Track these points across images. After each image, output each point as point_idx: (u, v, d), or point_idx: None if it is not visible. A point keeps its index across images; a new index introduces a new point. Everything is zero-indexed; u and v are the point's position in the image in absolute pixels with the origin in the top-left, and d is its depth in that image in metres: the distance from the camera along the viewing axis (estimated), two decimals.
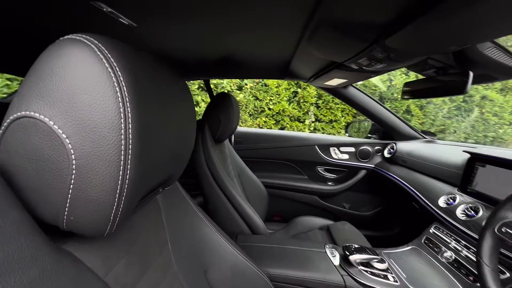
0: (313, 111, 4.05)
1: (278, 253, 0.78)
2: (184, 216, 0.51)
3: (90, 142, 0.21)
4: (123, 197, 0.23)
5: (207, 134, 0.93)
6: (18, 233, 0.20)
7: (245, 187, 1.23)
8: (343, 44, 0.66)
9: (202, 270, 0.53)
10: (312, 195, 1.46)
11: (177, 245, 0.46)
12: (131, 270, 0.32)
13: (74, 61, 0.20)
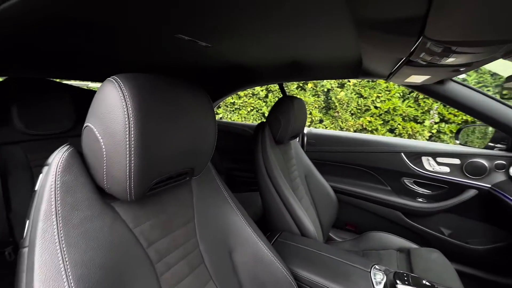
0: (437, 109, 3.26)
1: (315, 257, 0.79)
2: (214, 202, 0.64)
3: (111, 141, 0.38)
4: (132, 177, 0.39)
5: (267, 135, 1.03)
6: (86, 190, 0.40)
7: (312, 189, 1.25)
8: (392, 41, 0.60)
9: (227, 250, 0.65)
10: (394, 210, 1.25)
11: (203, 224, 0.60)
12: (155, 231, 0.49)
13: (106, 93, 0.38)
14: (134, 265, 0.44)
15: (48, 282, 0.33)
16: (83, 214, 0.40)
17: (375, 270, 0.72)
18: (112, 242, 0.42)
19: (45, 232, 0.35)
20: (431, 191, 1.23)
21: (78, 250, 0.37)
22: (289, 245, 0.84)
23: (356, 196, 1.35)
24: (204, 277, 0.56)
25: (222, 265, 0.61)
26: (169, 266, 0.50)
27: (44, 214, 0.36)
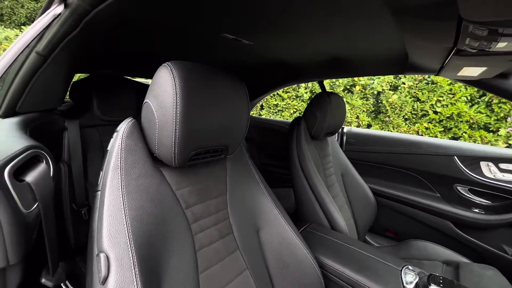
0: None
1: (342, 249, 0.78)
2: (245, 182, 0.71)
3: (162, 113, 0.47)
4: (176, 145, 0.48)
5: (303, 129, 1.06)
6: (142, 154, 0.51)
7: (348, 189, 1.22)
8: (433, 28, 0.59)
9: (255, 228, 0.70)
10: (444, 219, 1.13)
11: (234, 200, 0.67)
12: (192, 197, 0.58)
13: (161, 75, 0.47)
14: (175, 219, 0.53)
15: (112, 217, 0.43)
16: (139, 171, 0.50)
17: (407, 270, 0.69)
18: (159, 196, 0.51)
19: (112, 180, 0.46)
20: (490, 201, 1.07)
21: (134, 198, 0.47)
22: (317, 235, 0.85)
23: (398, 200, 1.25)
24: (232, 246, 0.62)
25: (249, 240, 0.67)
26: (202, 228, 0.58)
27: (113, 166, 0.47)
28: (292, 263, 0.68)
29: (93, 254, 0.43)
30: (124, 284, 0.39)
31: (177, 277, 0.49)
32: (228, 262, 0.60)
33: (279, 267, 0.67)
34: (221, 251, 0.60)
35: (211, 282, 0.55)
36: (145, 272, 0.42)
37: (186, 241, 0.54)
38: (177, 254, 0.51)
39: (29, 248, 0.47)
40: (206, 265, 0.55)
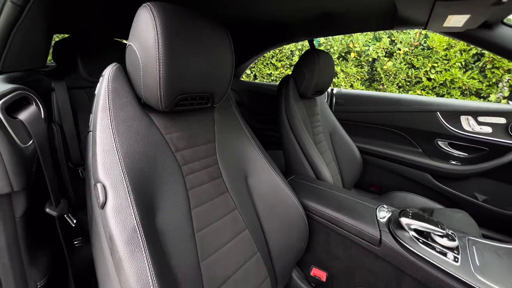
0: (508, 82, 2.81)
1: (325, 193, 0.85)
2: (233, 131, 0.74)
3: (145, 54, 0.48)
4: (162, 86, 0.50)
5: (291, 87, 1.08)
6: (130, 98, 0.53)
7: (336, 147, 1.27)
8: None
9: (243, 175, 0.75)
10: (423, 172, 1.20)
11: (222, 147, 0.70)
12: (181, 141, 0.61)
13: (140, 16, 0.48)
14: (165, 160, 0.57)
15: (105, 152, 0.47)
16: (127, 114, 0.52)
17: (381, 208, 0.76)
18: (148, 138, 0.54)
19: (102, 120, 0.49)
20: (467, 153, 1.14)
21: (125, 137, 0.50)
22: (302, 183, 0.91)
23: (383, 157, 1.32)
24: (221, 188, 0.68)
25: (238, 185, 0.72)
26: (192, 170, 0.62)
27: (102, 107, 0.50)
28: (279, 205, 0.74)
29: (91, 186, 0.47)
30: (121, 208, 0.43)
31: (171, 211, 0.54)
32: (218, 202, 0.65)
33: (266, 209, 0.73)
34: (211, 192, 0.65)
35: (202, 217, 0.60)
36: (139, 202, 0.46)
37: (178, 180, 0.58)
38: (170, 191, 0.56)
39: (30, 178, 0.51)
40: (197, 203, 0.61)
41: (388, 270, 0.66)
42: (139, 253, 0.41)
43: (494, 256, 0.60)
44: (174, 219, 0.54)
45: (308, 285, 0.78)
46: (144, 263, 0.41)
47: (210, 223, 0.61)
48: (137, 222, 0.43)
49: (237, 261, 0.63)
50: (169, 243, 0.51)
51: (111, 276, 0.43)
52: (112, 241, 0.41)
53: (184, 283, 0.50)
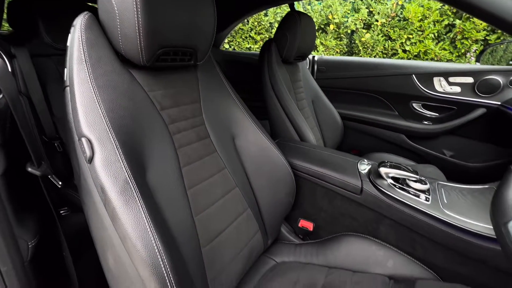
0: (475, 52, 2.96)
1: (310, 152, 0.88)
2: (217, 92, 0.73)
3: (121, 4, 0.44)
4: (141, 35, 0.47)
5: (273, 51, 1.06)
6: (107, 50, 0.49)
7: (318, 113, 1.30)
8: None
9: (230, 136, 0.75)
10: (399, 133, 1.28)
11: (208, 108, 0.70)
12: (166, 100, 0.59)
13: None
14: (151, 118, 0.55)
15: (86, 107, 0.44)
16: (106, 68, 0.49)
17: (362, 161, 0.81)
18: (131, 94, 0.52)
19: (79, 72, 0.46)
20: (438, 113, 1.23)
21: (106, 92, 0.47)
22: (288, 145, 0.93)
23: (362, 121, 1.38)
24: (210, 148, 0.68)
25: (226, 145, 0.72)
26: (180, 130, 0.61)
27: (77, 59, 0.46)
28: (266, 164, 0.76)
29: (74, 142, 0.45)
30: (110, 161, 0.42)
31: (161, 169, 0.54)
32: (207, 161, 0.66)
33: (254, 168, 0.75)
34: (200, 151, 0.65)
35: (193, 175, 0.61)
36: (129, 158, 0.45)
37: (165, 138, 0.57)
38: (158, 149, 0.55)
39: (6, 135, 0.48)
40: (187, 161, 0.61)
41: (368, 215, 0.72)
42: (134, 203, 0.41)
43: (459, 195, 0.68)
44: (165, 176, 0.54)
45: (296, 237, 0.84)
46: (140, 212, 0.41)
47: (201, 181, 0.62)
48: (128, 175, 0.43)
49: (229, 216, 0.66)
50: (162, 199, 0.51)
51: (107, 229, 0.43)
52: (105, 192, 0.41)
53: (180, 235, 0.51)
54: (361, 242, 0.70)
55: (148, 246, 0.40)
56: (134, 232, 0.40)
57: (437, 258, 0.62)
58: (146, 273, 0.39)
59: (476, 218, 0.58)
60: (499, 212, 0.39)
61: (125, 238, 0.40)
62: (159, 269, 0.39)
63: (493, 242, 0.54)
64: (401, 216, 0.66)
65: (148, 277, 0.39)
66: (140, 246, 0.39)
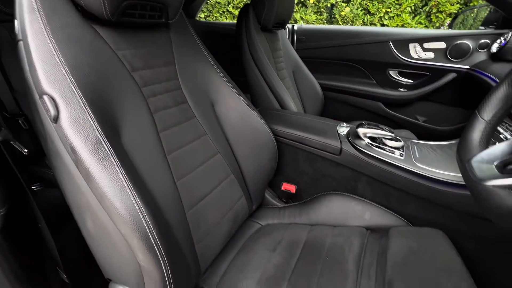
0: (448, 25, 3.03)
1: (292, 119, 0.89)
2: (193, 55, 0.69)
3: None
4: None
5: (251, 17, 1.02)
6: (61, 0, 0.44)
7: (299, 84, 1.30)
8: None
9: (209, 102, 0.73)
10: (376, 101, 1.32)
11: (184, 72, 0.66)
12: (136, 60, 0.55)
13: None
14: (121, 79, 0.51)
15: (45, 62, 0.40)
16: (64, 20, 0.45)
17: (341, 125, 0.83)
18: (97, 50, 0.48)
19: (32, 24, 0.41)
20: (413, 80, 1.27)
21: (67, 46, 0.43)
22: (269, 112, 0.93)
23: (342, 91, 1.40)
24: (189, 113, 0.65)
25: (205, 112, 0.70)
26: (155, 93, 0.58)
27: (28, 8, 0.41)
28: (248, 130, 0.75)
29: (36, 101, 0.41)
30: (78, 119, 0.39)
31: (137, 133, 0.51)
32: (186, 127, 0.64)
33: (236, 134, 0.74)
34: (178, 117, 0.62)
35: (171, 140, 0.59)
36: (99, 117, 0.42)
37: (139, 102, 0.54)
38: (132, 112, 0.52)
39: None
40: (164, 126, 0.58)
41: (347, 174, 0.75)
42: (108, 161, 0.39)
43: (429, 150, 0.72)
44: (142, 141, 0.52)
45: (280, 200, 0.86)
46: (116, 170, 0.39)
47: (181, 146, 0.61)
48: (100, 134, 0.41)
49: (212, 182, 0.66)
50: (141, 164, 0.49)
51: (83, 191, 0.41)
52: (75, 152, 0.39)
53: (162, 199, 0.50)
54: (341, 199, 0.73)
55: (127, 204, 0.39)
56: (111, 190, 0.38)
57: (409, 207, 0.67)
58: (127, 230, 0.38)
59: (444, 168, 0.63)
60: (464, 151, 0.42)
61: (102, 198, 0.39)
62: (140, 225, 0.39)
63: (459, 187, 0.58)
64: (377, 172, 0.69)
65: (129, 233, 0.39)
66: (118, 204, 0.38)
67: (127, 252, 0.42)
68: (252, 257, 0.66)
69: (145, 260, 0.40)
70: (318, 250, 0.62)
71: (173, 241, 0.48)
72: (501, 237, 0.56)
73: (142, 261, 0.40)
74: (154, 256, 0.39)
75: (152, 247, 0.39)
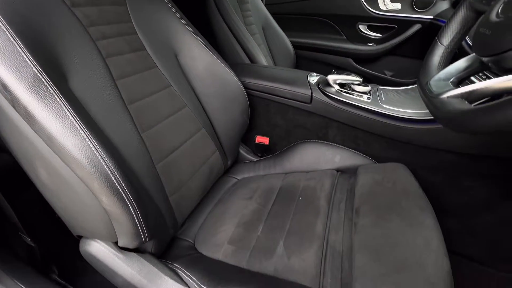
0: None
1: (262, 71, 0.86)
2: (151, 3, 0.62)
3: None
4: None
5: None
6: None
7: (270, 42, 1.25)
8: None
9: (172, 52, 0.67)
10: (346, 58, 1.33)
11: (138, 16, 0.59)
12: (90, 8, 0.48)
13: None
14: (60, 13, 0.44)
15: None
16: None
17: (311, 74, 0.82)
18: None
19: None
20: (381, 34, 1.28)
21: None
22: (239, 65, 0.89)
23: (313, 49, 1.38)
24: (149, 62, 0.60)
25: (169, 63, 0.65)
26: (104, 35, 0.52)
27: None
28: (217, 82, 0.72)
29: None
30: (6, 52, 0.33)
31: (88, 77, 0.45)
32: (148, 76, 0.59)
33: (204, 86, 0.71)
34: (137, 64, 0.57)
35: (131, 90, 0.53)
36: (34, 52, 0.36)
37: (87, 43, 0.48)
38: (80, 54, 0.46)
39: None
40: (121, 74, 0.53)
41: (318, 122, 0.76)
42: (52, 100, 0.35)
43: (394, 93, 0.75)
44: (95, 87, 0.47)
45: (255, 155, 0.87)
46: (62, 108, 0.35)
47: (143, 97, 0.56)
48: (38, 71, 0.35)
49: (182, 135, 0.63)
50: (97, 112, 0.45)
51: (27, 136, 0.36)
52: (8, 90, 0.33)
53: (125, 148, 0.47)
54: (313, 146, 0.75)
55: (80, 145, 0.35)
56: (59, 130, 0.34)
57: (375, 147, 0.70)
58: (84, 172, 0.35)
59: (407, 108, 0.66)
60: (424, 74, 0.43)
61: (50, 140, 0.35)
62: (99, 166, 0.36)
63: (418, 123, 0.62)
64: (346, 116, 0.71)
65: (88, 176, 0.36)
66: (70, 145, 0.34)
67: (89, 198, 0.39)
68: (230, 206, 0.66)
69: (110, 204, 0.38)
70: (292, 193, 0.65)
71: (142, 188, 0.47)
72: (447, 164, 0.63)
73: (107, 205, 0.38)
74: (120, 198, 0.37)
75: (116, 188, 0.37)
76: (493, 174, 0.59)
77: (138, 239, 0.44)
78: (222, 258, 0.53)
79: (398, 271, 0.39)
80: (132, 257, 0.48)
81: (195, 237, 0.62)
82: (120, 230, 0.43)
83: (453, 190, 0.65)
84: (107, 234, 0.45)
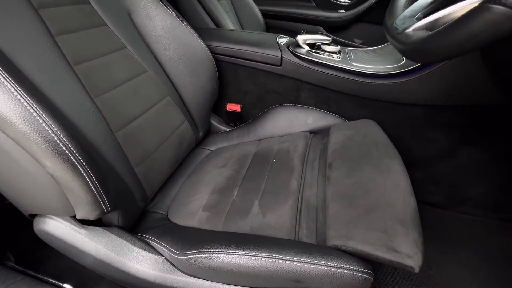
0: None
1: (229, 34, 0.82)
2: None
3: None
4: None
5: None
6: None
7: (238, 11, 1.18)
8: None
9: (125, 10, 0.60)
10: (317, 26, 1.31)
11: None
12: None
13: None
14: None
15: None
16: None
17: (281, 36, 0.79)
18: None
19: None
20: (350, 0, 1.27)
21: None
22: (204, 29, 0.83)
23: (283, 17, 1.34)
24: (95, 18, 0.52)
25: (122, 22, 0.58)
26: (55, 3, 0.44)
27: None
28: (180, 45, 0.66)
29: None
30: None
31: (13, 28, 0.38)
32: (95, 34, 0.52)
33: (165, 50, 0.65)
34: (79, 20, 0.49)
35: (75, 48, 0.46)
36: None
37: None
38: None
39: None
40: (60, 30, 0.46)
41: (290, 85, 0.74)
42: None
43: (363, 53, 0.74)
44: (25, 41, 0.39)
45: (227, 125, 0.84)
46: None
47: (92, 58, 0.50)
48: None
49: (144, 102, 0.57)
50: (32, 71, 0.38)
51: None
52: None
53: (71, 111, 0.41)
54: (285, 110, 0.73)
55: (15, 108, 0.30)
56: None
57: (346, 107, 0.71)
58: (19, 135, 0.30)
59: (376, 64, 0.66)
60: (390, 16, 0.42)
61: None
62: (38, 126, 0.31)
63: (386, 78, 0.62)
64: (318, 77, 0.69)
65: (24, 139, 0.31)
66: (3, 107, 0.29)
67: (33, 166, 0.34)
68: (203, 176, 0.64)
69: (55, 168, 0.33)
70: (266, 157, 0.63)
71: (97, 154, 0.42)
72: (414, 118, 0.65)
73: (52, 169, 0.33)
74: (66, 160, 0.33)
75: (60, 149, 0.32)
76: (455, 123, 0.62)
77: (98, 209, 0.40)
78: (197, 225, 0.51)
79: (369, 213, 0.39)
80: (97, 231, 0.45)
81: (168, 209, 0.59)
82: (74, 199, 0.39)
83: (419, 142, 0.68)
84: (62, 207, 0.41)
